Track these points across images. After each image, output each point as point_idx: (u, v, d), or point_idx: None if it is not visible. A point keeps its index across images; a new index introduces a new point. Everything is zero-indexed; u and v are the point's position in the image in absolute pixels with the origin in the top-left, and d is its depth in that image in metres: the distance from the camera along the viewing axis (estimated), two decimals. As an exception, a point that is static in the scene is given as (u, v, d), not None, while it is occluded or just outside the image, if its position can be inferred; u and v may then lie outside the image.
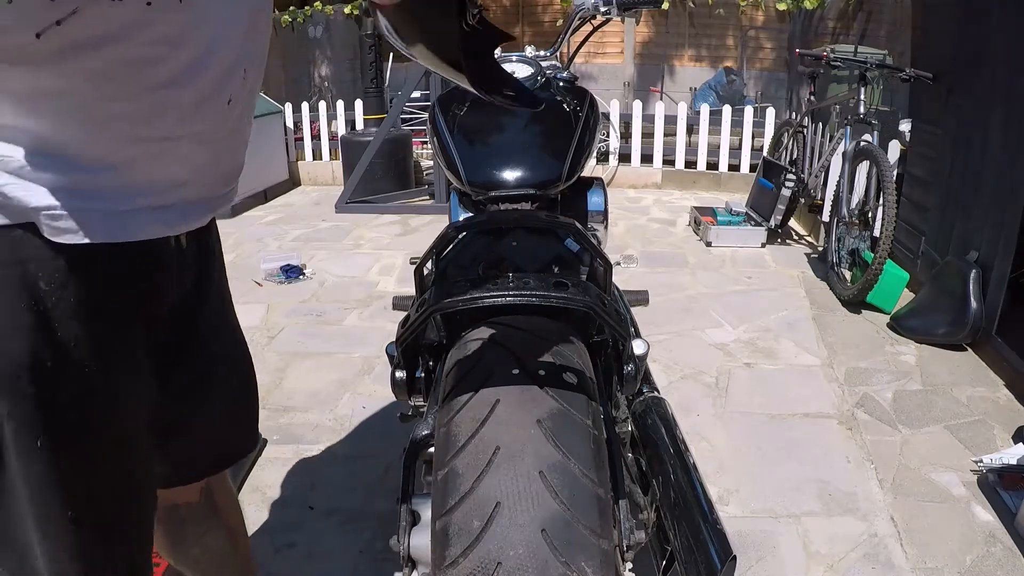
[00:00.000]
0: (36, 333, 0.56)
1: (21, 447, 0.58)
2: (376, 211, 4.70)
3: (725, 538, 0.81)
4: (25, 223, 0.55)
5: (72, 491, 0.62)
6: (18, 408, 0.57)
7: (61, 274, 0.57)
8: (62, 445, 0.60)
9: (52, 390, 0.58)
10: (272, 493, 1.83)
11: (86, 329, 0.60)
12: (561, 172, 1.17)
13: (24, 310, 0.55)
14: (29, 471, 0.59)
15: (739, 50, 7.74)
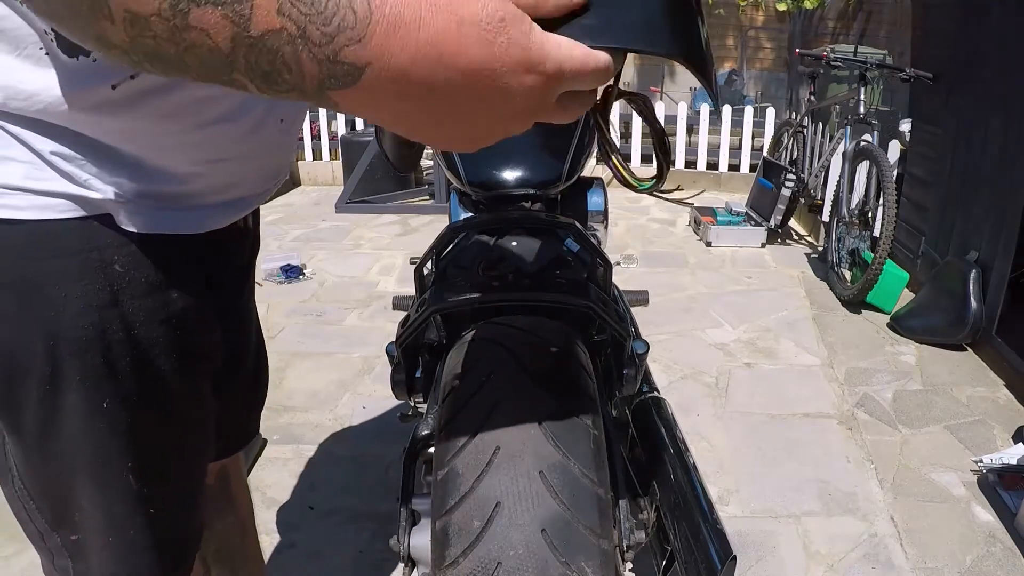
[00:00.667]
0: (110, 309, 0.61)
1: (87, 409, 0.62)
2: (376, 211, 4.70)
3: (725, 538, 0.81)
4: (102, 214, 0.60)
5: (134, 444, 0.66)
6: (88, 376, 0.61)
7: (134, 257, 0.62)
8: (127, 406, 0.64)
9: (121, 360, 0.63)
10: (272, 493, 1.83)
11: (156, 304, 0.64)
12: (561, 172, 1.17)
13: (99, 290, 0.60)
14: (94, 428, 0.63)
15: (739, 50, 7.74)
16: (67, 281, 0.59)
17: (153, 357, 0.65)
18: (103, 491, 0.66)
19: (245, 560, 1.13)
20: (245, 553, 1.13)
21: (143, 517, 0.68)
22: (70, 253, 0.59)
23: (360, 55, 0.36)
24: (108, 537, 0.67)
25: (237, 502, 1.08)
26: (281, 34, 0.35)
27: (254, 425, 1.06)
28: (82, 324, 0.60)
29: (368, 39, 0.36)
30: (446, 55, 0.37)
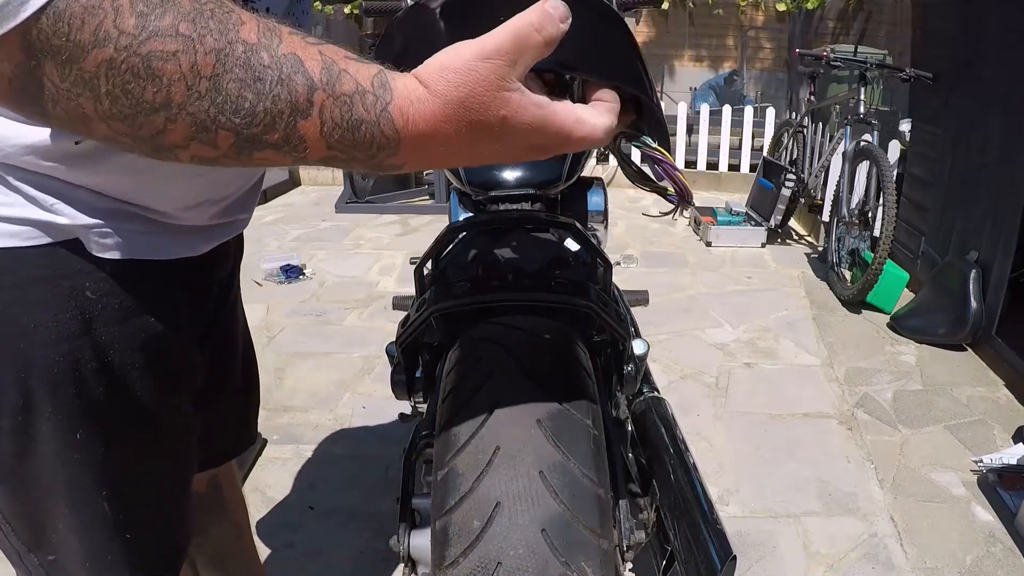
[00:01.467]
0: (82, 338, 0.59)
1: (61, 440, 0.61)
2: (376, 211, 4.70)
3: (725, 538, 0.81)
4: (71, 239, 0.58)
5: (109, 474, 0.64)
6: (61, 408, 0.60)
7: (106, 284, 0.60)
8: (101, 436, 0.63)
9: (94, 390, 0.61)
10: (272, 493, 1.83)
11: (131, 329, 0.62)
12: (561, 172, 1.17)
13: (70, 319, 0.58)
14: (68, 459, 0.62)
15: (739, 50, 7.74)
16: (36, 311, 0.57)
17: (129, 384, 0.63)
18: (79, 519, 0.64)
19: (241, 563, 1.13)
20: (241, 556, 1.13)
21: (120, 542, 0.67)
22: (38, 281, 0.57)
23: (396, 160, 0.46)
24: (85, 561, 0.66)
25: (230, 507, 1.07)
26: (333, 159, 0.44)
27: (248, 434, 1.03)
28: (53, 356, 0.58)
29: (399, 151, 0.45)
30: (463, 149, 0.46)
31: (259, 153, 0.42)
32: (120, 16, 0.38)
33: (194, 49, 0.39)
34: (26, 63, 0.38)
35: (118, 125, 0.40)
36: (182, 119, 0.40)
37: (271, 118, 0.41)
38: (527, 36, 0.45)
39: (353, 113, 0.43)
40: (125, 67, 0.38)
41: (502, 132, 0.46)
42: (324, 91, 0.42)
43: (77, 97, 0.39)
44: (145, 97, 0.39)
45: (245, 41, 0.40)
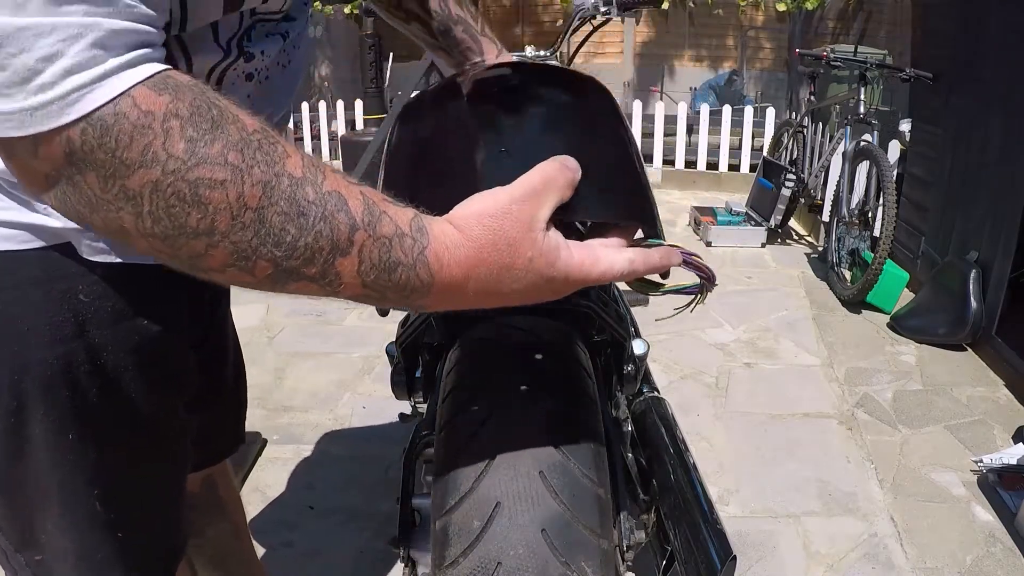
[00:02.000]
0: (76, 340, 0.59)
1: (53, 442, 0.61)
2: (376, 211, 4.69)
3: (725, 538, 0.81)
4: (63, 243, 0.58)
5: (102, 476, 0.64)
6: (54, 410, 0.60)
7: (99, 287, 0.60)
8: (94, 438, 0.63)
9: (87, 393, 0.61)
10: (272, 493, 1.83)
11: (125, 332, 0.62)
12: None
13: (64, 322, 0.58)
14: (61, 460, 0.62)
15: (739, 50, 7.74)
16: (30, 314, 0.57)
17: (122, 386, 0.63)
18: (70, 519, 0.64)
19: (240, 563, 1.13)
20: (240, 555, 1.13)
21: (112, 543, 0.67)
22: (32, 284, 0.57)
23: (425, 302, 0.47)
24: (76, 561, 0.66)
25: (227, 507, 1.07)
26: (366, 296, 0.45)
27: (240, 433, 1.04)
28: (47, 358, 0.58)
29: (430, 294, 0.46)
30: (491, 292, 0.48)
31: (294, 284, 0.43)
32: (170, 139, 0.38)
33: (242, 180, 0.39)
34: (67, 168, 0.39)
35: (157, 243, 0.41)
36: (223, 247, 0.40)
37: (311, 253, 0.42)
38: (554, 179, 0.50)
39: (391, 255, 0.44)
40: (171, 191, 0.39)
41: (527, 273, 0.48)
42: (365, 231, 0.43)
43: (118, 211, 0.39)
44: (188, 222, 0.39)
45: (291, 175, 0.41)
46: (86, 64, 0.37)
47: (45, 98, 0.37)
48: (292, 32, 0.66)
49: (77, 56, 0.37)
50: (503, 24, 8.07)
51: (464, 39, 0.91)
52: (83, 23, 0.37)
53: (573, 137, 0.59)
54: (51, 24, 0.36)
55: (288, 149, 0.42)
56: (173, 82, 0.39)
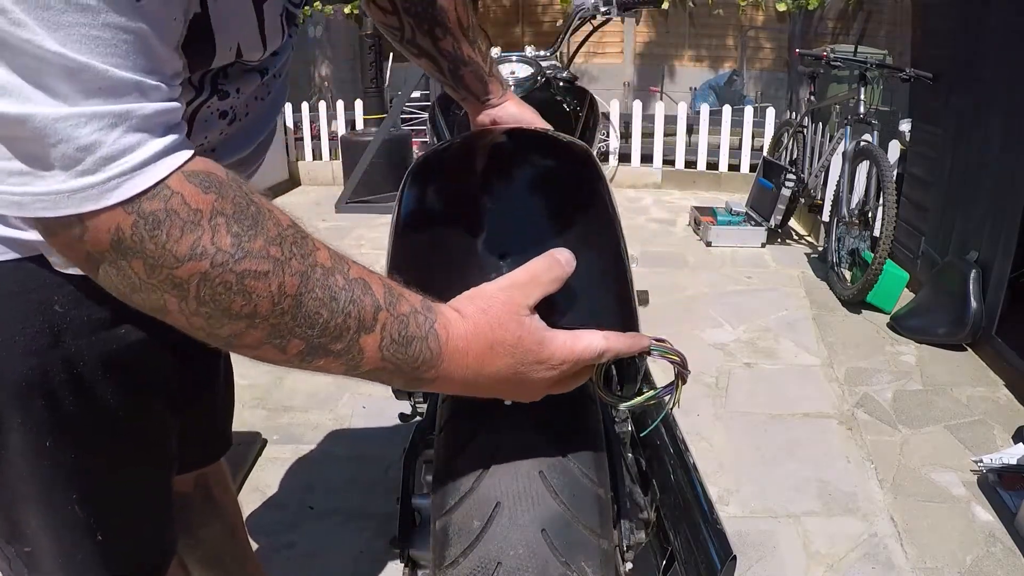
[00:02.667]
0: (51, 351, 0.59)
1: (30, 450, 0.61)
2: (376, 211, 4.70)
3: (725, 538, 0.81)
4: (35, 255, 0.58)
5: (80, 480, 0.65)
6: (30, 419, 0.60)
7: (74, 297, 0.60)
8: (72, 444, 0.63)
9: (64, 402, 0.61)
10: (272, 493, 1.83)
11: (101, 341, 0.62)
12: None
13: (39, 333, 0.59)
14: (38, 466, 0.62)
15: (739, 50, 7.74)
16: (4, 325, 0.57)
17: (99, 393, 0.63)
18: (49, 522, 0.65)
19: (236, 562, 1.13)
20: (236, 555, 1.13)
21: (91, 545, 0.67)
22: (6, 296, 0.57)
23: (432, 374, 0.52)
24: (59, 559, 0.67)
25: (221, 507, 1.08)
26: (382, 371, 0.50)
27: (228, 435, 1.04)
28: (22, 369, 0.58)
29: (438, 365, 0.52)
30: (485, 366, 0.54)
31: (320, 360, 0.48)
32: (218, 235, 0.42)
33: (282, 271, 0.44)
34: (111, 254, 0.42)
35: (198, 321, 0.44)
36: (262, 328, 0.45)
37: (339, 331, 0.47)
38: (539, 275, 0.56)
39: (408, 330, 0.50)
40: (219, 281, 0.42)
41: (517, 349, 0.54)
42: (387, 311, 0.49)
43: (162, 294, 0.43)
44: (233, 308, 0.43)
45: (323, 265, 0.47)
46: (126, 151, 0.40)
47: (85, 182, 0.39)
48: (272, 67, 0.67)
49: (116, 144, 0.39)
50: (503, 24, 8.07)
51: (472, 81, 0.94)
52: (119, 111, 0.39)
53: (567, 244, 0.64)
54: (89, 113, 0.38)
55: (317, 243, 0.48)
56: (216, 180, 0.43)
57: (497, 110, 0.96)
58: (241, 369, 0.96)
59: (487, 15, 8.04)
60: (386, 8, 0.87)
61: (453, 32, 0.90)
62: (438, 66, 0.92)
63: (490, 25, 7.64)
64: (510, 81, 1.28)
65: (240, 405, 2.16)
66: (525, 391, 0.57)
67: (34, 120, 0.37)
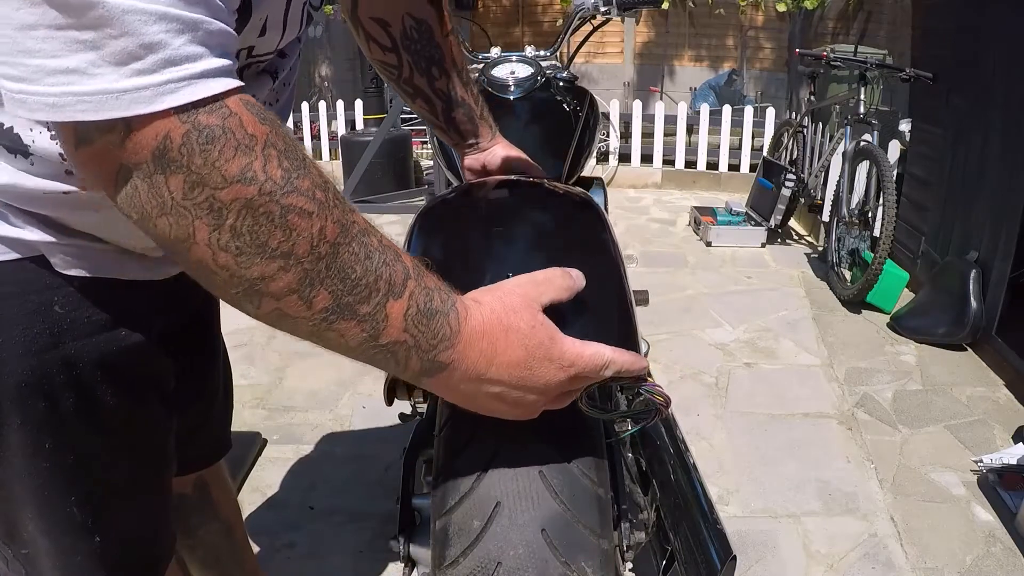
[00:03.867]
0: (51, 352, 0.59)
1: (30, 451, 0.61)
2: (376, 211, 4.69)
3: (725, 538, 0.81)
4: (36, 256, 0.58)
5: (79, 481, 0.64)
6: (30, 420, 0.60)
7: (74, 298, 0.60)
8: (71, 446, 0.62)
9: (64, 403, 0.61)
10: (272, 493, 1.83)
11: (101, 342, 0.62)
12: (561, 172, 1.17)
13: (39, 334, 0.58)
14: (37, 467, 0.62)
15: (739, 50, 7.74)
16: (4, 326, 0.57)
17: (98, 395, 0.63)
18: (47, 523, 0.65)
19: (235, 562, 1.13)
20: (235, 555, 1.13)
21: (90, 546, 0.67)
22: (6, 297, 0.57)
23: (449, 356, 0.51)
24: (57, 561, 0.66)
25: (220, 507, 1.08)
26: (402, 344, 0.48)
27: (228, 438, 1.04)
28: (21, 370, 0.58)
29: (455, 345, 0.51)
30: (499, 353, 0.52)
31: (341, 323, 0.46)
32: (269, 164, 0.40)
33: (325, 215, 0.43)
34: (149, 165, 0.39)
35: (225, 258, 0.41)
36: (295, 271, 0.42)
37: (369, 292, 0.46)
38: (553, 279, 0.58)
39: (432, 303, 0.49)
40: (263, 211, 0.40)
41: (530, 339, 0.53)
42: (415, 280, 0.49)
43: (195, 219, 0.40)
44: (270, 243, 0.41)
45: (359, 224, 0.47)
46: (188, 58, 0.38)
47: (140, 83, 0.37)
48: (282, 71, 0.67)
49: (180, 50, 0.38)
50: (503, 24, 8.07)
51: (464, 123, 0.94)
52: (189, 19, 0.38)
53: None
54: (161, 13, 0.37)
55: (351, 205, 0.47)
56: (270, 116, 0.42)
57: (487, 155, 0.97)
58: (241, 369, 0.97)
59: (487, 15, 8.04)
60: (386, 46, 0.87)
61: (448, 72, 0.91)
62: (432, 108, 0.93)
63: (490, 25, 7.63)
64: (510, 81, 1.28)
65: (240, 405, 2.16)
66: (528, 397, 0.56)
67: (103, 6, 0.35)
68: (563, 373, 0.55)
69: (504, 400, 0.55)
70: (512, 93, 1.26)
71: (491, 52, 1.41)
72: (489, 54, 1.40)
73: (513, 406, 0.56)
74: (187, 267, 0.44)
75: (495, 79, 1.29)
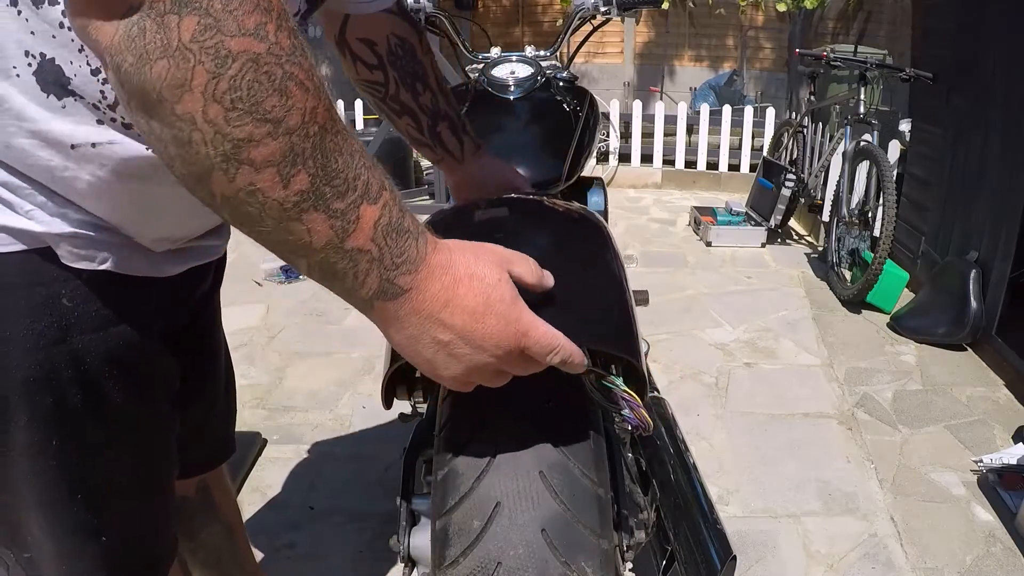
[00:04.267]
0: (59, 345, 0.58)
1: (36, 449, 0.60)
2: (376, 211, 4.69)
3: (725, 538, 0.81)
4: (42, 248, 0.57)
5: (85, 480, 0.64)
6: (37, 416, 0.59)
7: (82, 291, 0.59)
8: (77, 443, 0.62)
9: (71, 398, 0.60)
10: (272, 493, 1.83)
11: (108, 337, 0.62)
12: (561, 172, 1.17)
13: (47, 327, 0.58)
14: (44, 466, 0.61)
15: (739, 50, 7.74)
16: (11, 319, 0.56)
17: (105, 391, 0.63)
18: (51, 525, 0.64)
19: (235, 562, 1.13)
20: (235, 557, 1.13)
21: (95, 548, 0.67)
22: (13, 289, 0.56)
23: (409, 281, 0.49)
24: (61, 563, 0.66)
25: (221, 509, 1.08)
26: (366, 253, 0.47)
27: (231, 440, 1.04)
28: (29, 364, 0.57)
29: (419, 271, 0.49)
30: (458, 294, 0.51)
31: (311, 215, 0.44)
32: (281, 32, 0.41)
33: (318, 98, 0.43)
34: (163, 6, 0.38)
35: (216, 110, 0.40)
36: (281, 141, 0.42)
37: (346, 187, 0.45)
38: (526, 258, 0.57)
39: (404, 221, 0.49)
40: (266, 70, 0.40)
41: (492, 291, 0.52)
42: (391, 193, 0.48)
43: (195, 64, 0.39)
44: (264, 104, 0.41)
45: (344, 125, 0.46)
46: None
47: None
48: None
49: None
50: (503, 24, 8.07)
51: (448, 137, 0.97)
52: None
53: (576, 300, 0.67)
54: None
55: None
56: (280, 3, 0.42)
57: (474, 168, 0.99)
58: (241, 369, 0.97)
59: (487, 15, 8.04)
60: (372, 64, 0.90)
61: (432, 88, 0.94)
62: (418, 123, 0.95)
63: (490, 25, 7.63)
64: (510, 81, 1.28)
65: (240, 405, 2.15)
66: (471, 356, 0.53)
67: None
68: (515, 339, 0.53)
69: (447, 351, 0.52)
70: (512, 93, 1.26)
71: (491, 52, 1.41)
72: (489, 54, 1.40)
73: (451, 362, 0.53)
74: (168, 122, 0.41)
75: (495, 79, 1.29)
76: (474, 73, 1.35)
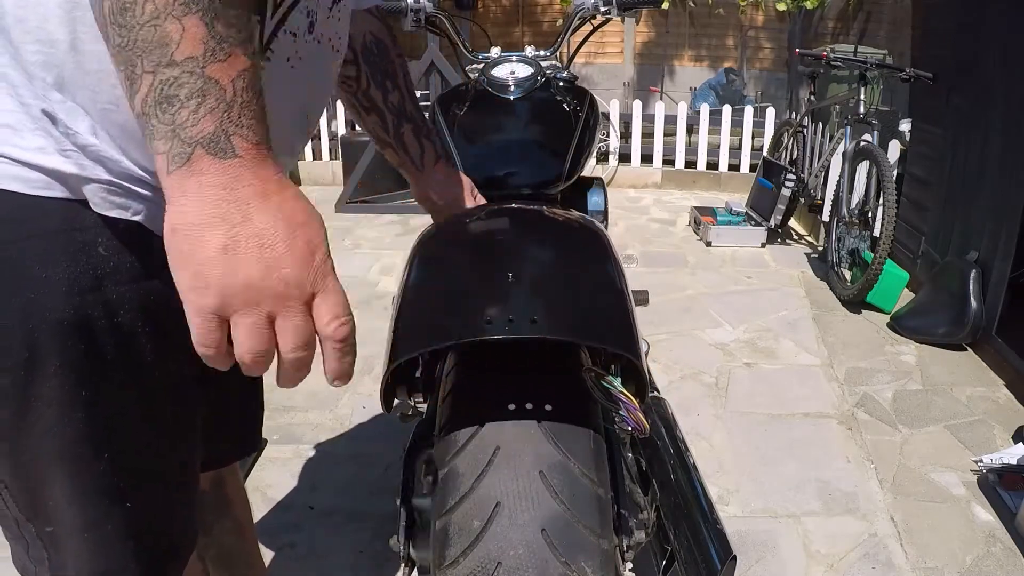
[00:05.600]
0: (93, 293, 0.59)
1: (64, 400, 0.60)
2: (376, 211, 4.70)
3: (725, 538, 0.81)
4: (81, 199, 0.58)
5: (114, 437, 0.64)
6: (67, 363, 0.59)
7: (117, 242, 0.60)
8: (108, 396, 0.62)
9: (103, 348, 0.60)
10: (272, 493, 1.83)
11: (141, 291, 0.62)
12: (561, 172, 1.18)
13: (82, 273, 0.58)
14: (72, 419, 0.61)
15: (739, 50, 7.74)
16: (49, 262, 0.56)
17: (138, 347, 0.62)
18: (78, 485, 0.63)
19: (244, 562, 1.13)
20: (244, 555, 1.13)
21: (121, 513, 0.66)
22: (52, 232, 0.57)
23: (245, 147, 0.47)
24: (84, 533, 0.65)
25: (233, 505, 1.08)
26: (221, 90, 0.45)
27: (253, 438, 1.04)
28: (64, 307, 0.57)
29: (257, 146, 0.47)
30: (285, 197, 0.49)
31: (194, 19, 0.43)
32: None
33: None
34: None
35: None
36: None
37: (238, 22, 0.45)
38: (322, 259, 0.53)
39: (263, 103, 0.48)
40: None
41: (311, 215, 0.51)
42: (262, 70, 0.48)
43: None
44: None
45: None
46: None
47: None
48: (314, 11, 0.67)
49: None
50: (503, 24, 8.07)
51: (411, 141, 0.99)
52: None
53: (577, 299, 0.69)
54: None
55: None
56: None
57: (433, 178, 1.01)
58: (241, 369, 0.97)
59: (487, 15, 8.04)
60: (348, 58, 0.92)
61: (400, 89, 0.97)
62: (384, 122, 0.98)
63: (490, 25, 7.63)
64: (510, 81, 1.28)
65: (240, 405, 2.16)
66: (269, 265, 0.48)
67: None
68: (317, 273, 0.51)
69: (234, 255, 0.47)
70: (512, 93, 1.26)
71: (491, 52, 1.41)
72: (489, 54, 1.40)
73: (227, 277, 0.48)
74: None
75: (495, 79, 1.29)
76: (474, 73, 1.35)
